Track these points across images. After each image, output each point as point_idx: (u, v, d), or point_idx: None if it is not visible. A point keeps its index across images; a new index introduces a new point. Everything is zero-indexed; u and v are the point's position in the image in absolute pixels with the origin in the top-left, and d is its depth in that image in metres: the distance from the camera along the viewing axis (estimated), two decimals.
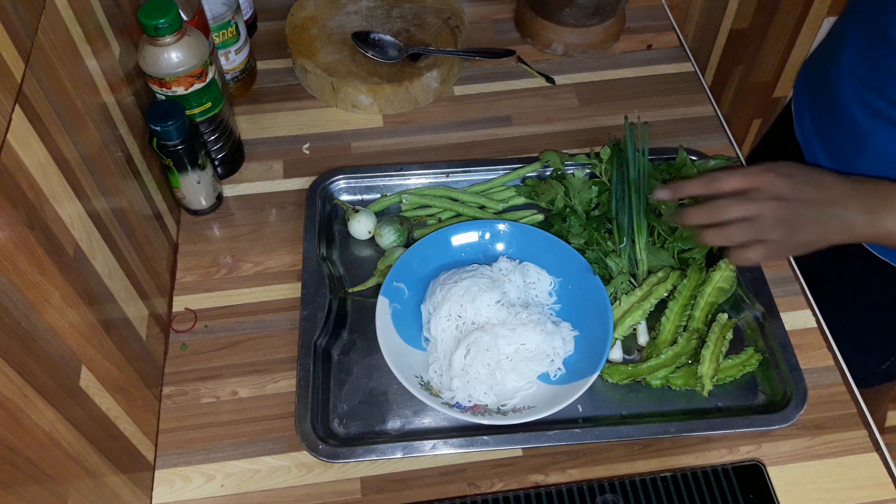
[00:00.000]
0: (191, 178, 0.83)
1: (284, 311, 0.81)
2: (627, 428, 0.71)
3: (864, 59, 0.77)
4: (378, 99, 0.97)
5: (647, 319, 0.78)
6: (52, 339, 0.53)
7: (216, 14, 0.89)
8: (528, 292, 0.78)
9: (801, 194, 0.70)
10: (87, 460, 0.58)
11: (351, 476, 0.71)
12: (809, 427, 0.74)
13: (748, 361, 0.75)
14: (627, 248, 0.80)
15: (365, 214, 0.84)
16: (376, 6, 1.05)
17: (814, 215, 0.69)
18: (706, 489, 0.69)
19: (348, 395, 0.75)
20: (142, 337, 0.72)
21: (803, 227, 0.69)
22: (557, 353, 0.74)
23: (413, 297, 0.79)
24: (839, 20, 0.84)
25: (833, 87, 0.82)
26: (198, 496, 0.70)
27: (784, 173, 0.71)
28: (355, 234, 0.85)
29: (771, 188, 0.70)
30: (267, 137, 0.96)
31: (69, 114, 0.60)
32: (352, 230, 0.85)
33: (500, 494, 0.69)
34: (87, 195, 0.62)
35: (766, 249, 0.70)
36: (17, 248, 0.50)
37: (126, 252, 0.70)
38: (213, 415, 0.75)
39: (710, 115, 0.99)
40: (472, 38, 1.07)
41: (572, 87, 1.02)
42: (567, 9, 1.00)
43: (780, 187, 0.70)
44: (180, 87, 0.79)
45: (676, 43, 1.07)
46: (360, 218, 0.84)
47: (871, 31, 0.75)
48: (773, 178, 0.70)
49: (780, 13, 1.51)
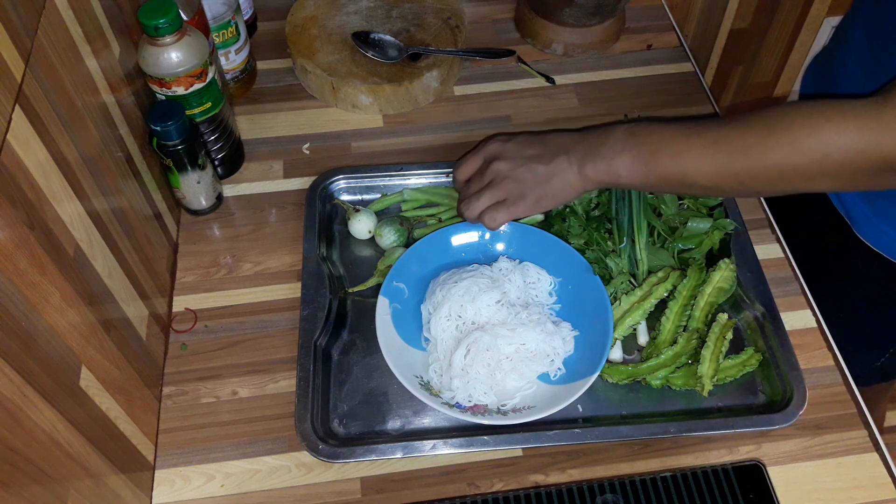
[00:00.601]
0: (191, 178, 0.83)
1: (284, 311, 0.81)
2: (627, 428, 0.71)
3: (868, 56, 0.77)
4: (378, 99, 0.97)
5: (647, 319, 0.78)
6: (52, 339, 0.53)
7: (216, 14, 0.89)
8: (528, 292, 0.78)
9: (525, 151, 0.74)
10: (87, 460, 0.58)
11: (351, 476, 0.71)
12: (809, 427, 0.74)
13: (748, 361, 0.75)
14: (627, 248, 0.80)
15: (365, 214, 0.84)
16: (376, 6, 1.05)
17: (538, 168, 0.73)
18: (706, 489, 0.69)
19: (348, 395, 0.75)
20: (142, 337, 0.72)
21: (533, 181, 0.73)
22: (557, 353, 0.74)
23: (413, 297, 0.79)
24: (844, 18, 0.84)
25: (838, 86, 0.82)
26: (198, 496, 0.70)
27: (506, 139, 0.76)
28: (356, 233, 0.85)
29: (494, 152, 0.75)
30: (267, 137, 0.96)
31: (69, 114, 0.60)
32: (352, 230, 0.85)
33: (500, 494, 0.69)
34: (87, 195, 0.62)
35: (505, 208, 0.74)
36: (17, 248, 0.50)
37: (126, 252, 0.70)
38: (213, 415, 0.75)
39: (710, 115, 0.99)
40: (472, 38, 1.07)
41: (572, 87, 1.02)
42: (567, 9, 1.00)
43: (503, 150, 0.75)
44: (180, 87, 0.79)
45: (676, 43, 1.07)
46: (361, 217, 0.84)
47: (875, 29, 0.75)
48: (495, 144, 0.76)
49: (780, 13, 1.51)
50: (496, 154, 0.75)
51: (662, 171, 0.69)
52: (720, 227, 0.82)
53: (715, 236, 0.82)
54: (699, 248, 0.81)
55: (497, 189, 0.74)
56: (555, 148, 0.73)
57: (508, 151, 0.75)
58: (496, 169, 0.74)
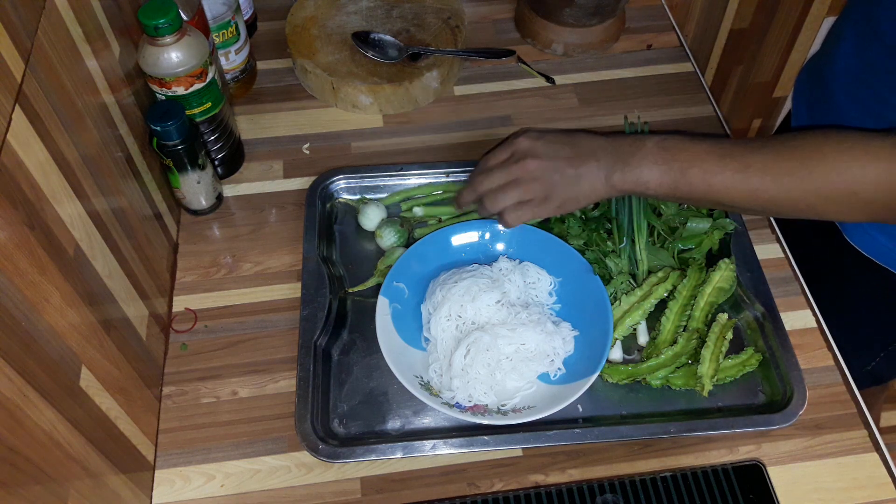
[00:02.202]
0: (191, 178, 0.83)
1: (284, 311, 0.81)
2: (627, 428, 0.71)
3: (858, 56, 0.77)
4: (378, 99, 0.97)
5: (647, 319, 0.78)
6: (52, 339, 0.53)
7: (216, 14, 0.89)
8: (528, 292, 0.78)
9: (555, 152, 0.73)
10: (87, 460, 0.58)
11: (351, 476, 0.71)
12: (809, 427, 0.74)
13: (748, 361, 0.75)
14: (627, 248, 0.80)
15: (374, 205, 0.85)
16: (376, 6, 1.05)
17: (568, 171, 0.72)
18: (706, 489, 0.69)
19: (348, 395, 0.75)
20: (142, 337, 0.72)
21: (561, 183, 0.72)
22: (557, 353, 0.74)
23: (413, 297, 0.79)
24: (837, 20, 0.84)
25: (829, 85, 0.82)
26: (198, 496, 0.70)
27: (537, 136, 0.74)
28: (365, 225, 0.85)
29: (525, 150, 0.74)
30: (267, 137, 0.96)
31: (69, 114, 0.60)
32: (362, 221, 0.85)
33: (500, 494, 0.69)
34: (87, 195, 0.62)
35: (530, 208, 0.73)
36: (17, 248, 0.50)
37: (126, 252, 0.70)
38: (213, 415, 0.75)
39: (710, 115, 0.99)
40: (472, 38, 1.07)
41: (572, 87, 1.02)
42: (567, 9, 1.00)
43: (534, 148, 0.73)
44: (180, 87, 0.79)
45: (676, 43, 1.07)
46: (370, 209, 0.84)
47: (864, 29, 0.75)
48: (526, 141, 0.74)
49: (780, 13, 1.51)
50: (527, 151, 0.73)
51: (691, 187, 0.70)
52: (720, 227, 0.82)
53: (715, 236, 0.82)
54: (699, 248, 0.81)
55: (525, 187, 0.73)
56: (586, 151, 0.73)
57: (540, 150, 0.73)
58: (526, 167, 0.73)
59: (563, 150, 0.73)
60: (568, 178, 0.72)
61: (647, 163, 0.71)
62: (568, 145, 0.74)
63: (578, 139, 0.74)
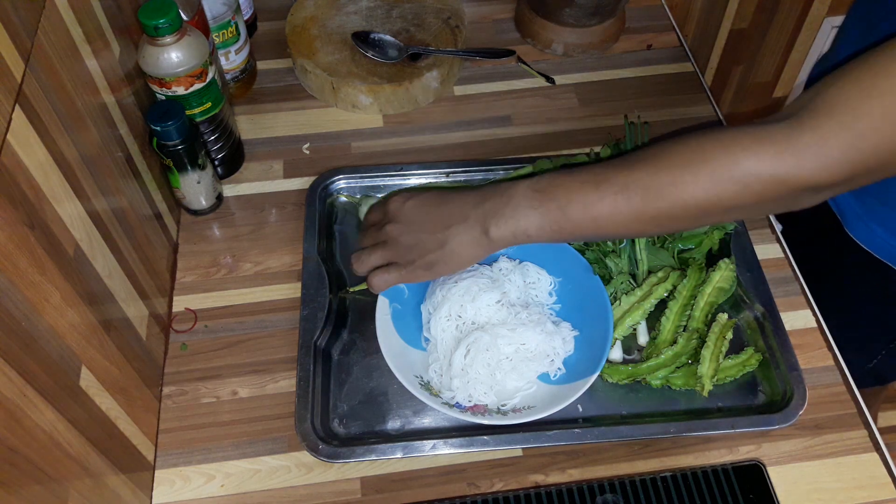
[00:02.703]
0: (191, 178, 0.83)
1: (284, 311, 0.81)
2: (627, 428, 0.71)
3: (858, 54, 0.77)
4: (378, 99, 0.97)
5: (647, 319, 0.78)
6: (52, 339, 0.53)
7: (216, 14, 0.89)
8: (528, 292, 0.78)
9: (418, 216, 0.70)
10: (87, 460, 0.58)
11: (351, 476, 0.71)
12: (809, 427, 0.74)
13: (748, 361, 0.75)
14: (627, 248, 0.80)
15: (375, 199, 0.85)
16: (376, 6, 1.05)
17: (431, 234, 0.69)
18: (706, 489, 0.69)
19: (348, 395, 0.75)
20: (142, 337, 0.72)
21: (424, 247, 0.70)
22: (557, 353, 0.74)
23: (413, 297, 0.79)
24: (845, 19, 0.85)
25: None
26: (198, 496, 0.70)
27: (404, 199, 0.72)
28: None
29: (391, 213, 0.72)
30: (267, 137, 0.96)
31: (69, 114, 0.60)
32: (362, 213, 0.85)
33: (500, 494, 0.69)
34: (87, 195, 0.62)
35: (398, 271, 0.71)
36: (17, 248, 0.50)
37: (126, 252, 0.70)
38: (213, 415, 0.75)
39: (710, 116, 0.99)
40: (472, 38, 1.07)
41: (572, 87, 1.02)
42: (567, 9, 1.00)
43: (399, 212, 0.71)
44: (180, 87, 0.79)
45: (676, 43, 1.07)
46: (371, 202, 0.84)
47: (864, 27, 0.75)
48: (394, 204, 0.72)
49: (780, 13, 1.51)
50: (391, 215, 0.72)
51: (575, 226, 0.65)
52: (720, 227, 0.82)
53: (715, 236, 0.82)
54: (699, 248, 0.82)
55: (387, 251, 0.71)
56: (453, 213, 0.70)
57: (404, 214, 0.71)
58: (387, 230, 0.71)
59: (429, 214, 0.70)
60: (431, 242, 0.69)
61: (522, 209, 0.66)
62: (434, 206, 0.71)
63: (447, 200, 0.71)
